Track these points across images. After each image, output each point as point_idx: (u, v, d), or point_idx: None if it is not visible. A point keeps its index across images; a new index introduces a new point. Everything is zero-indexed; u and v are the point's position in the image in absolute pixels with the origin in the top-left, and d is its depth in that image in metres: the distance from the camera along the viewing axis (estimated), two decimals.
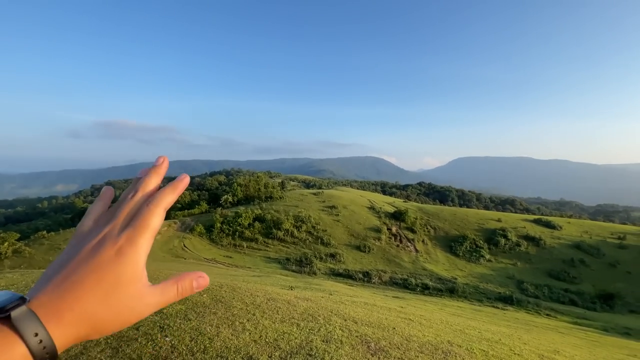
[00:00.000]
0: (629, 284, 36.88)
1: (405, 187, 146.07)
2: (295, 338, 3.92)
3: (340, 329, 4.64)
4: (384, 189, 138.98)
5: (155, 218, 0.48)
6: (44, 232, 42.19)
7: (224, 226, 47.04)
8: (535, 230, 50.03)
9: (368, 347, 4.08)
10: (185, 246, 41.98)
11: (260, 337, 3.74)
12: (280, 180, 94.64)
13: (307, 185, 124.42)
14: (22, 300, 0.46)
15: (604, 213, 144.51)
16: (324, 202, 57.80)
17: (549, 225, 53.30)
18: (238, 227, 45.99)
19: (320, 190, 75.12)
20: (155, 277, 7.82)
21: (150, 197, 0.48)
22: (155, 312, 4.35)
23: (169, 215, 65.05)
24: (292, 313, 5.09)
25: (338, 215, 51.10)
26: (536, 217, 61.23)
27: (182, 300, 5.00)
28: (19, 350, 0.46)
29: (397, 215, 52.56)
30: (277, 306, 5.38)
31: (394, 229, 47.98)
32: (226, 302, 5.05)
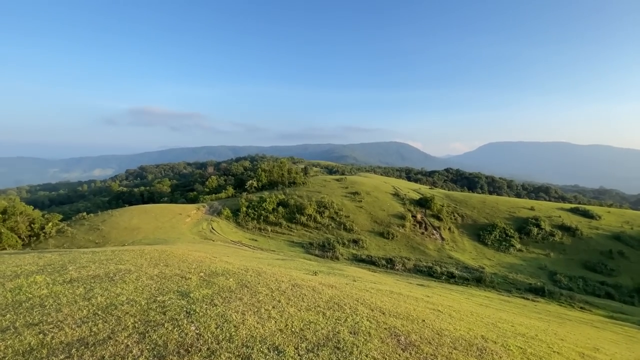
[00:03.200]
0: None
1: (431, 174, 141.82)
2: (322, 328, 3.79)
3: (367, 319, 4.47)
4: (409, 175, 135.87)
5: None
6: (84, 213, 45.26)
7: (249, 210, 48.14)
8: (572, 220, 47.14)
9: (398, 341, 3.88)
10: (213, 229, 43.46)
11: (285, 326, 3.64)
12: (303, 166, 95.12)
13: (330, 171, 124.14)
14: None
15: None
16: (347, 188, 57.46)
17: (586, 214, 50.00)
18: (263, 212, 46.91)
19: (343, 176, 74.68)
20: (184, 260, 8.02)
21: None
22: (181, 297, 4.41)
23: (197, 199, 67.61)
24: (317, 301, 4.97)
25: (361, 201, 50.70)
26: (573, 206, 57.54)
27: (209, 284, 5.02)
28: None
29: (423, 202, 51.32)
30: (303, 293, 5.28)
31: (418, 216, 46.98)
32: (252, 288, 5.02)
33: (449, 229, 45.23)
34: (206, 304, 4.06)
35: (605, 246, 40.50)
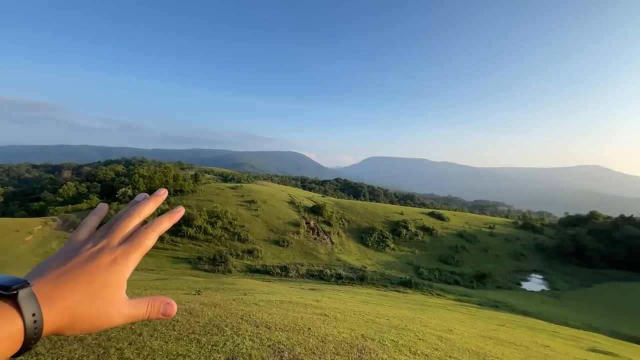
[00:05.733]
0: (497, 264, 45.90)
1: (323, 183, 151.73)
2: None
3: (250, 339, 4.09)
4: (304, 184, 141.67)
5: (149, 240, 0.55)
6: None
7: None
8: (430, 222, 57.77)
9: (281, 357, 3.65)
10: None
11: None
12: (193, 173, 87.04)
13: (225, 178, 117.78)
14: (26, 283, 0.54)
15: (479, 207, 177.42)
16: (242, 196, 55.42)
17: (440, 217, 62.22)
18: None
19: (238, 184, 71.75)
20: None
21: (149, 222, 0.55)
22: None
23: (44, 212, 53.47)
24: (192, 326, 4.30)
25: (257, 210, 49.65)
26: (430, 210, 70.83)
27: None
28: (17, 325, 0.54)
29: (316, 210, 53.98)
30: (175, 319, 4.50)
31: (312, 223, 49.10)
32: None
33: (338, 233, 48.83)
34: (26, 355, 2.92)
35: (453, 242, 51.18)
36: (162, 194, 0.57)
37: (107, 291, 0.54)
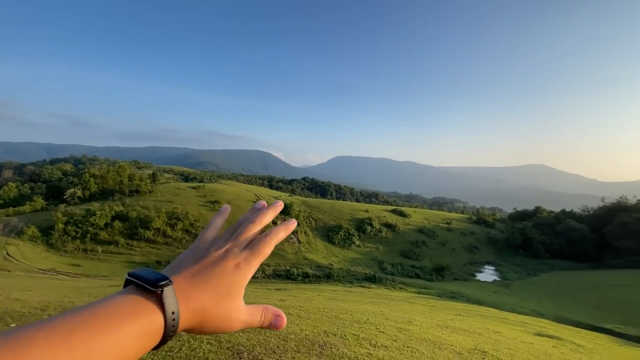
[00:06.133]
0: (454, 258, 48.62)
1: (291, 182, 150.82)
2: None
3: (208, 342, 3.96)
4: (271, 183, 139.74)
5: (268, 249, 0.57)
6: None
7: (69, 227, 37.45)
8: (392, 219, 59.79)
9: (240, 358, 3.59)
10: (9, 254, 31.67)
11: None
12: (151, 172, 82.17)
13: (186, 178, 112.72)
14: (170, 281, 0.56)
15: (438, 204, 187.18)
16: (205, 196, 53.41)
17: (402, 214, 64.65)
18: (90, 228, 37.38)
19: (201, 184, 68.95)
20: None
21: (268, 230, 0.58)
22: None
23: None
24: None
25: None
26: (393, 207, 73.41)
27: None
28: (159, 321, 0.55)
29: (283, 209, 53.29)
30: None
31: (278, 223, 48.47)
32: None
33: (305, 232, 48.88)
34: None
35: (414, 237, 53.40)
36: (279, 205, 0.59)
37: (230, 296, 0.56)
